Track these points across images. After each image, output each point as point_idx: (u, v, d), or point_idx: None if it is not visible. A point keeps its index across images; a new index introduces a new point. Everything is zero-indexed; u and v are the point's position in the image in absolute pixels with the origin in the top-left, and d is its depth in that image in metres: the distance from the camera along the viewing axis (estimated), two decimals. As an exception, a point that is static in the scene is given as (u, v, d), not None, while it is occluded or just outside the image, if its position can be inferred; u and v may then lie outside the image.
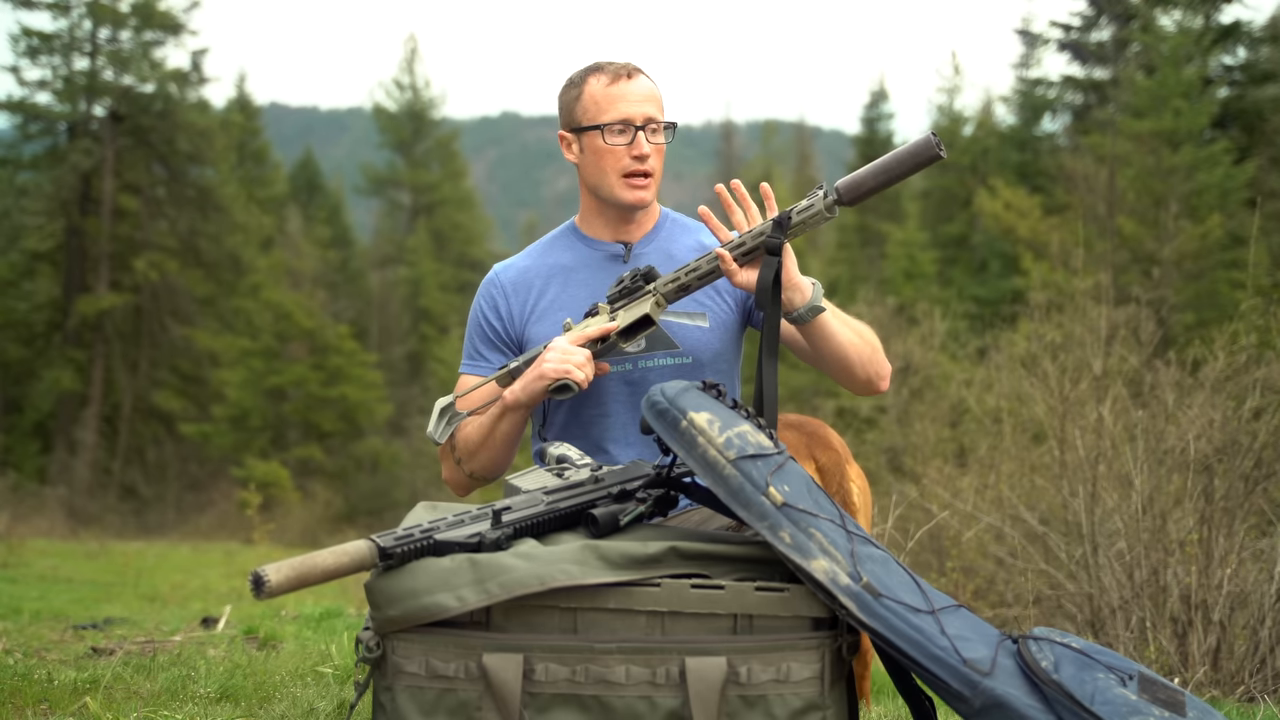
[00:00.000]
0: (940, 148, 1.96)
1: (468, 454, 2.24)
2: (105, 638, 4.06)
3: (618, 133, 2.25)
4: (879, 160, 2.02)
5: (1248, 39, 18.62)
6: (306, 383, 23.40)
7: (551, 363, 2.08)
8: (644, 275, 2.13)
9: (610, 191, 2.29)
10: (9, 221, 22.11)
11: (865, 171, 2.02)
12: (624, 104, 2.25)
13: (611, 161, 2.26)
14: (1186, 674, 3.54)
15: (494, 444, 2.22)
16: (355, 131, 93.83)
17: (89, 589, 7.93)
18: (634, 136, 2.24)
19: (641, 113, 2.25)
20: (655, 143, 2.27)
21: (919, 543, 4.91)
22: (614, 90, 2.26)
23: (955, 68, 31.19)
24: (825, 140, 73.47)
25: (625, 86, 2.26)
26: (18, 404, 22.35)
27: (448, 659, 1.62)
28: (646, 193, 2.28)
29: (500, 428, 2.19)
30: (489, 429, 2.21)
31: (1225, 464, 4.03)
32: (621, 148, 2.25)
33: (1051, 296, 7.60)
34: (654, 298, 2.11)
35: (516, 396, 2.13)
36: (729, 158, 35.93)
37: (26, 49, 22.12)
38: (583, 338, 2.11)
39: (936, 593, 1.72)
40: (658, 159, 2.29)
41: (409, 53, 32.47)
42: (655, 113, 2.27)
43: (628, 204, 2.29)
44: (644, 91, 2.27)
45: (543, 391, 2.10)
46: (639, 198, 2.28)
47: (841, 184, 2.04)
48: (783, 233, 2.04)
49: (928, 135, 1.96)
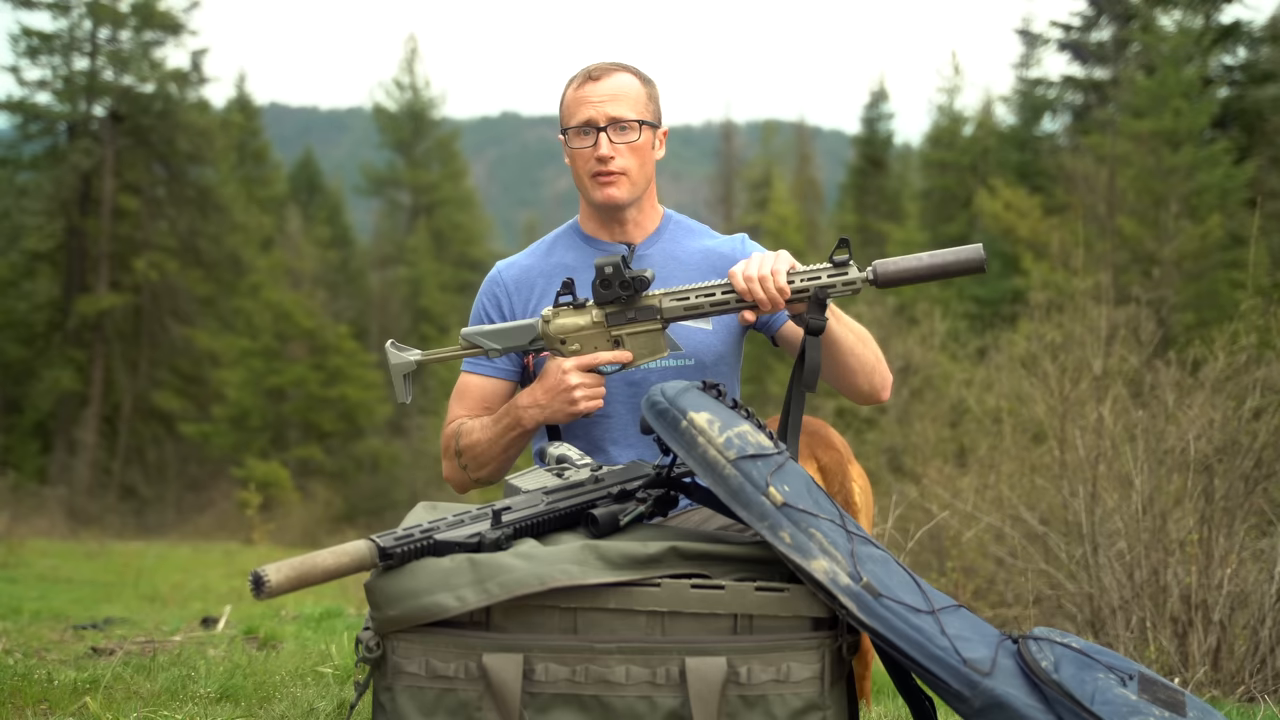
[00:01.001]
0: (985, 259, 1.96)
1: (478, 464, 2.24)
2: (105, 638, 4.06)
3: (581, 135, 2.25)
4: (925, 257, 1.98)
5: (1248, 39, 18.63)
6: (306, 383, 23.41)
7: (585, 398, 2.08)
8: (634, 282, 2.03)
9: (585, 192, 2.30)
10: (9, 221, 22.11)
11: (908, 264, 1.99)
12: (586, 107, 2.24)
13: (581, 164, 2.27)
14: (1186, 674, 3.54)
15: (506, 458, 2.23)
16: (355, 131, 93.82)
17: (89, 589, 7.93)
18: (596, 138, 2.24)
19: (603, 113, 2.23)
20: (622, 141, 2.24)
21: (919, 543, 4.91)
22: (579, 93, 2.26)
23: (955, 68, 31.27)
24: (825, 140, 73.44)
25: (589, 89, 2.25)
26: (18, 404, 22.35)
27: (448, 659, 1.62)
28: (615, 189, 2.26)
29: (516, 445, 2.21)
30: (504, 445, 2.20)
31: (1225, 464, 4.03)
32: (586, 150, 2.25)
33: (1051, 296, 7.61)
34: (664, 329, 2.07)
35: (538, 421, 2.14)
36: (729, 158, 35.89)
37: (26, 49, 22.14)
38: (592, 363, 2.08)
39: (936, 593, 1.72)
40: (631, 157, 2.25)
41: (409, 53, 32.51)
42: (623, 111, 2.24)
43: (598, 203, 2.28)
44: (608, 91, 2.25)
45: (568, 419, 2.11)
46: (607, 195, 2.26)
47: (880, 269, 1.99)
48: (821, 313, 2.00)
49: (978, 246, 1.96)
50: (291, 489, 20.35)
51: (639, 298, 2.06)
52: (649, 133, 2.28)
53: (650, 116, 2.28)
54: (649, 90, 2.30)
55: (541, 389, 2.11)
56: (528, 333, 2.13)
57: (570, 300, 2.09)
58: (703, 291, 2.05)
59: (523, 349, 2.15)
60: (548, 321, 2.09)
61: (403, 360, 2.17)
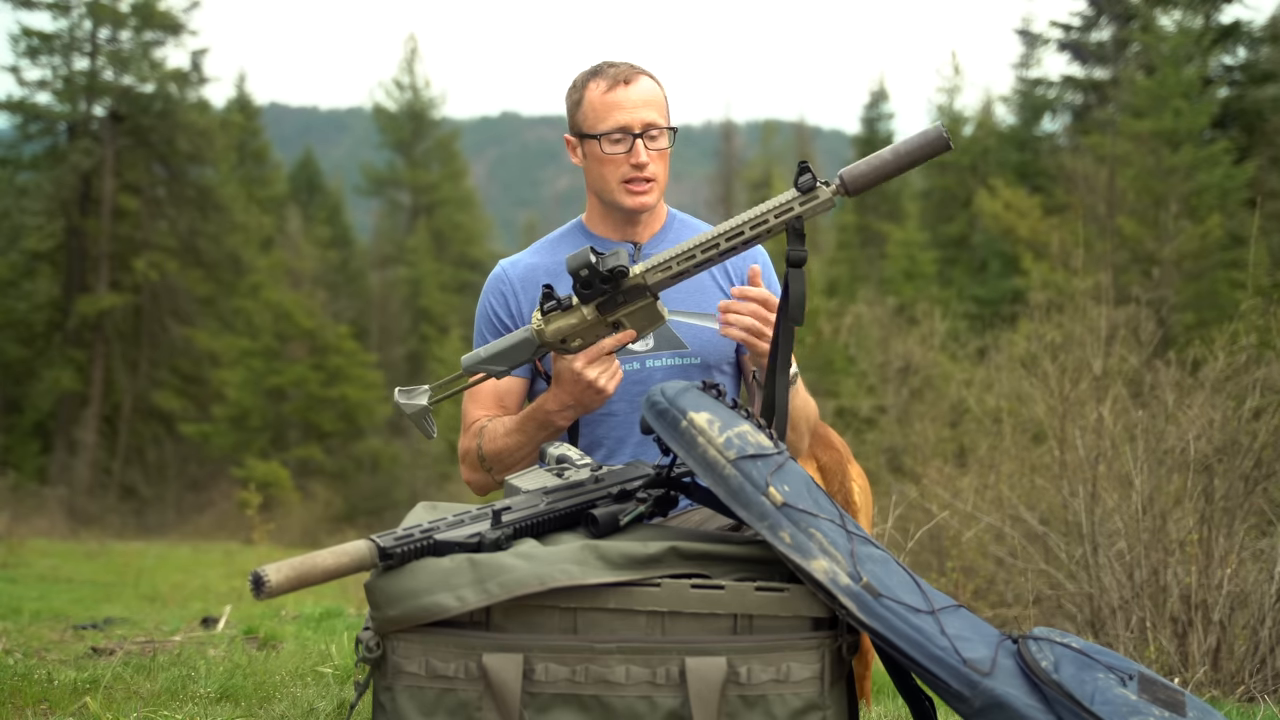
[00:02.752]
0: (948, 138, 1.93)
1: (503, 465, 2.22)
2: (105, 638, 4.06)
3: (615, 141, 2.24)
4: (885, 150, 1.96)
5: (1248, 39, 18.63)
6: (306, 383, 23.41)
7: (609, 381, 2.07)
8: (613, 274, 1.99)
9: (612, 197, 2.29)
10: (9, 221, 22.11)
11: (870, 162, 1.96)
12: (621, 112, 2.23)
13: (611, 169, 2.26)
14: (1186, 674, 3.54)
15: (532, 456, 2.21)
16: (355, 131, 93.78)
17: (89, 589, 7.92)
18: (632, 145, 2.23)
19: (639, 119, 2.23)
20: (655, 149, 2.25)
21: (919, 543, 4.91)
22: (611, 98, 2.24)
23: (955, 68, 31.29)
24: (825, 140, 73.45)
25: (622, 93, 2.24)
26: (18, 404, 22.36)
27: (448, 659, 1.62)
28: (648, 197, 2.27)
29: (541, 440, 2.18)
30: (536, 445, 2.18)
31: (1225, 464, 4.03)
32: (620, 156, 2.24)
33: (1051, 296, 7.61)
34: (656, 299, 2.04)
35: (573, 419, 2.14)
36: (729, 157, 35.92)
37: (26, 49, 22.15)
38: (598, 353, 2.05)
39: (936, 593, 1.72)
40: (660, 164, 2.27)
41: (409, 53, 32.54)
42: (655, 118, 2.24)
43: (629, 209, 2.28)
44: (642, 97, 2.24)
45: (601, 404, 2.11)
46: (640, 203, 2.27)
47: (846, 174, 1.96)
48: (801, 243, 1.99)
49: (937, 126, 1.94)
50: (291, 489, 20.35)
51: (623, 282, 2.01)
52: (672, 138, 2.29)
53: (671, 121, 2.30)
54: (665, 93, 2.32)
55: (564, 392, 2.09)
56: (527, 346, 2.08)
57: (556, 304, 2.04)
58: (682, 257, 1.99)
59: (528, 361, 2.11)
60: (542, 329, 2.04)
61: (415, 404, 2.14)
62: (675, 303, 2.29)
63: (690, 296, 2.31)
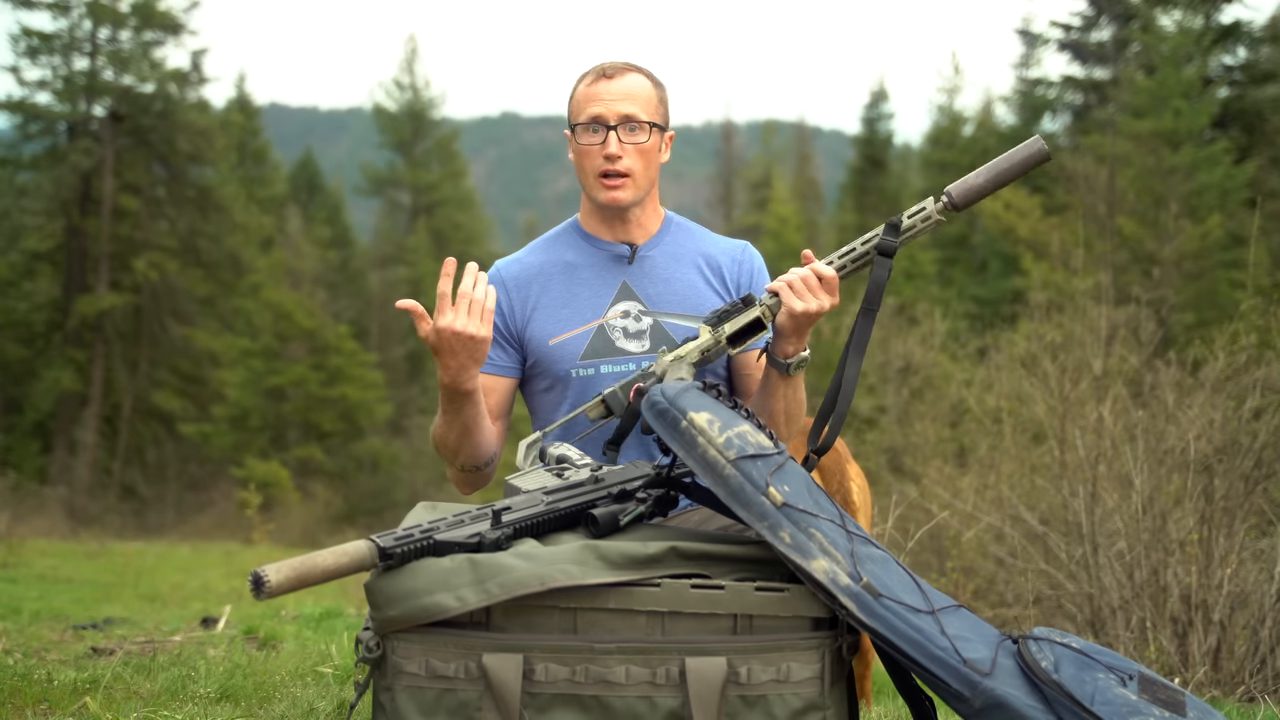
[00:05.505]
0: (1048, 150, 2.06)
1: (449, 450, 2.18)
2: (105, 638, 4.06)
3: (591, 132, 2.23)
4: (989, 164, 2.08)
5: (1248, 39, 18.64)
6: (306, 383, 23.40)
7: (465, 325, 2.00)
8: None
9: (589, 191, 2.28)
10: (9, 221, 22.12)
11: (976, 175, 2.08)
12: (597, 103, 2.23)
13: (587, 161, 2.25)
14: (1186, 674, 3.54)
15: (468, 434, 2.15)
16: (355, 131, 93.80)
17: (89, 589, 7.92)
18: (605, 136, 2.22)
19: (615, 111, 2.22)
20: (632, 142, 2.23)
21: (919, 543, 4.91)
22: (591, 90, 2.25)
23: (955, 68, 31.29)
24: (825, 140, 73.42)
25: (603, 86, 2.24)
26: (18, 404, 22.34)
27: (448, 659, 1.62)
28: (621, 193, 2.24)
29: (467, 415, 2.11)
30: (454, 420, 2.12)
31: (1225, 464, 4.03)
32: (594, 147, 2.23)
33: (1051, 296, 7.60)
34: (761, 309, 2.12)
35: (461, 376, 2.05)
36: (729, 157, 35.93)
37: (26, 49, 22.14)
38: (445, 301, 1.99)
39: (936, 593, 1.72)
40: (637, 159, 2.24)
41: (409, 53, 32.49)
42: (634, 111, 2.23)
43: (602, 204, 2.27)
44: (622, 90, 2.23)
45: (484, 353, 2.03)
46: (612, 198, 2.25)
47: (953, 188, 2.08)
48: (896, 235, 2.06)
49: (1037, 137, 2.06)
50: (291, 489, 20.34)
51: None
52: (657, 135, 2.27)
53: (660, 119, 2.27)
54: (660, 93, 2.29)
55: (443, 356, 2.01)
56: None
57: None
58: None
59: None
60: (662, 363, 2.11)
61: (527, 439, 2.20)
62: (669, 304, 2.29)
63: (684, 299, 2.31)
